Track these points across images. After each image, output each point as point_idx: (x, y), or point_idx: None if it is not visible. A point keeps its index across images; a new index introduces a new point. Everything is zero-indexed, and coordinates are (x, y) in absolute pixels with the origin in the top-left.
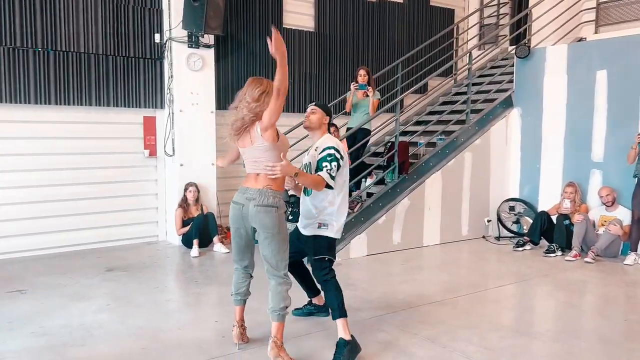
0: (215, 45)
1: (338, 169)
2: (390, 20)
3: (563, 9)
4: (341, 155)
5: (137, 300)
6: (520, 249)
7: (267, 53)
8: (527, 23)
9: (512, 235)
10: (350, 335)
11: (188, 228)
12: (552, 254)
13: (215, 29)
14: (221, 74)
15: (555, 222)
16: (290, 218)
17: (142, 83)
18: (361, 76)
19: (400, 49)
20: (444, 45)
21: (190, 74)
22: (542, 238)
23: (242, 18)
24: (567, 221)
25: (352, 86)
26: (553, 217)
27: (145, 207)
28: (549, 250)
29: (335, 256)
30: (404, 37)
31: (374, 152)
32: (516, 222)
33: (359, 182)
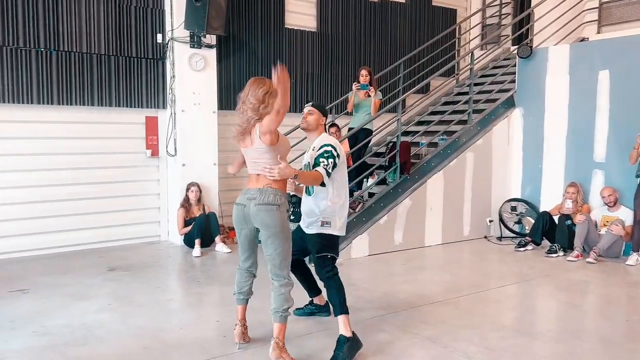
0: (217, 46)
1: (334, 166)
2: (392, 20)
3: (565, 9)
4: (338, 153)
5: (139, 300)
6: (522, 249)
7: (269, 53)
8: (530, 23)
9: (514, 235)
10: (352, 332)
11: (190, 228)
12: (554, 255)
13: (217, 29)
14: (223, 74)
15: (557, 223)
16: (292, 218)
17: (145, 83)
18: (363, 76)
19: (402, 49)
20: (446, 45)
21: (192, 74)
22: (544, 238)
23: (244, 18)
24: (569, 221)
25: (354, 86)
26: (555, 218)
27: (147, 207)
28: (551, 251)
29: (338, 254)
30: (406, 37)
31: (376, 152)
32: (518, 223)
33: (361, 182)
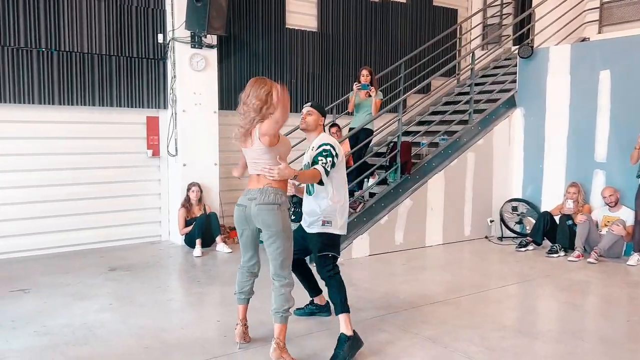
0: (218, 46)
1: (333, 165)
2: (393, 20)
3: (566, 9)
4: (337, 153)
5: (140, 300)
6: (523, 249)
7: (270, 53)
8: (530, 23)
9: (515, 235)
10: (353, 330)
11: (191, 228)
12: (555, 255)
13: (218, 29)
14: (224, 74)
15: (558, 223)
16: (293, 218)
17: (145, 83)
18: (364, 76)
19: (403, 49)
20: (447, 45)
21: (193, 74)
22: (545, 238)
23: (245, 18)
24: (570, 221)
25: (355, 86)
26: (556, 218)
27: (148, 207)
28: (552, 251)
29: (340, 253)
30: (407, 37)
31: (377, 152)
32: (519, 223)
33: (362, 182)
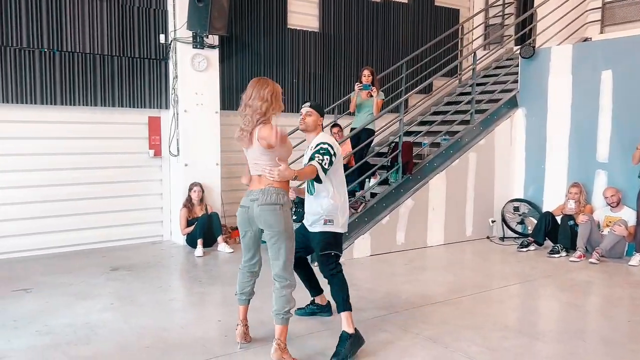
0: (220, 46)
1: (330, 163)
2: (394, 20)
3: (568, 9)
4: (335, 152)
5: (141, 300)
6: (525, 249)
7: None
8: (532, 23)
9: (517, 235)
10: (354, 328)
11: (192, 228)
12: (557, 255)
13: (220, 30)
14: (226, 75)
15: (559, 223)
16: (295, 218)
17: (147, 83)
18: (365, 76)
19: (404, 49)
20: (449, 46)
21: (195, 74)
22: (547, 239)
23: (247, 19)
24: (572, 222)
25: (356, 86)
26: (557, 218)
27: (150, 207)
28: (554, 251)
29: (342, 251)
30: (409, 37)
31: (378, 152)
32: (520, 223)
33: (363, 182)
